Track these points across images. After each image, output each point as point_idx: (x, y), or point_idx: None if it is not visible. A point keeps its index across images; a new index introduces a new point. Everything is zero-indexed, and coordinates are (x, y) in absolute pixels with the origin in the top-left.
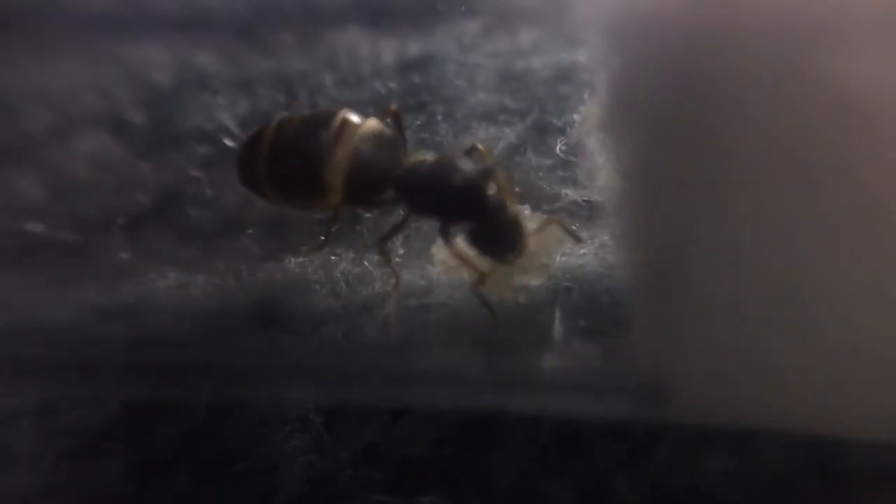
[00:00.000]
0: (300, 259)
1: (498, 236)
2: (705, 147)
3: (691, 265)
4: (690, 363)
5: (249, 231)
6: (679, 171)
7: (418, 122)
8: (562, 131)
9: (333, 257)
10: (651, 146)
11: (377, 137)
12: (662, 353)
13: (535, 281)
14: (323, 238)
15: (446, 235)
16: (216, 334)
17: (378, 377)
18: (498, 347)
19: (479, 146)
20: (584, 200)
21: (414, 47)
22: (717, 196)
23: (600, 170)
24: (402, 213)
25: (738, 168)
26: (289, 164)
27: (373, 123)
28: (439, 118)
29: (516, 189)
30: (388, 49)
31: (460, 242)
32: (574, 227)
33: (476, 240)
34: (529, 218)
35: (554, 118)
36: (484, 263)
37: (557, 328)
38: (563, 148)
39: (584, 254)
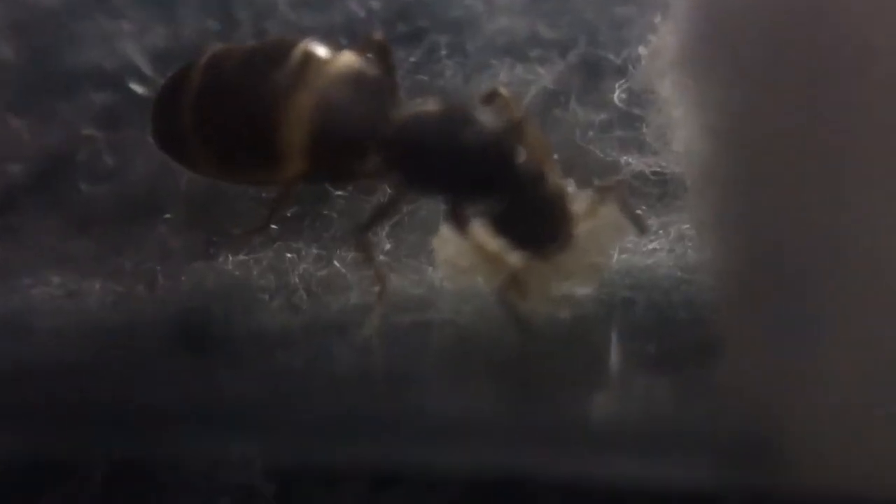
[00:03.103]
0: (240, 255)
1: (532, 221)
2: (830, 94)
3: (809, 267)
4: (807, 408)
5: (168, 216)
6: (791, 128)
7: (413, 59)
8: (621, 72)
9: (290, 254)
10: (751, 93)
11: (354, 80)
12: (766, 393)
13: (582, 288)
14: (265, 219)
15: (457, 221)
16: (120, 363)
17: (354, 426)
18: (528, 383)
19: (503, 91)
20: (653, 172)
21: None
22: (846, 168)
23: (677, 128)
24: (389, 189)
25: (875, 125)
26: (226, 119)
27: (348, 59)
28: (443, 52)
29: (555, 155)
30: None
31: (477, 231)
32: (639, 211)
33: (501, 226)
34: (575, 197)
35: (610, 53)
36: (511, 261)
37: (614, 356)
38: (624, 96)
39: (654, 250)
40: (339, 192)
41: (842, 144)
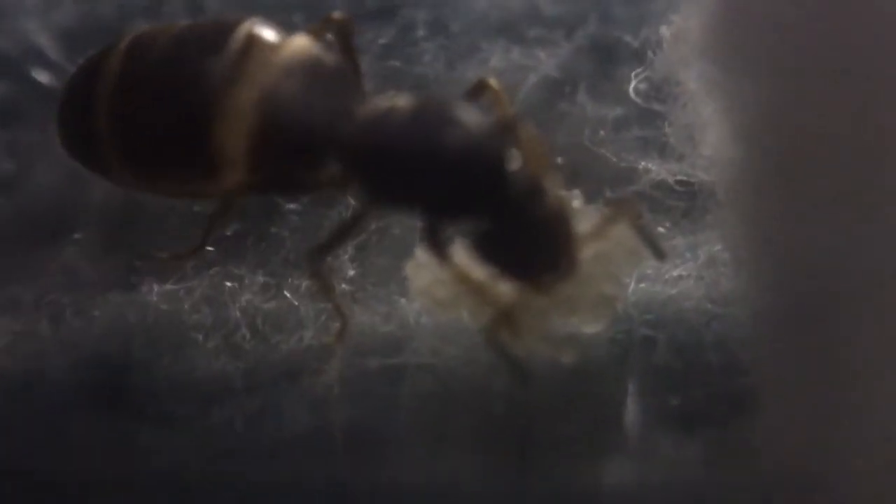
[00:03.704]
0: (168, 285)
1: (527, 244)
2: (888, 90)
3: (868, 298)
4: (859, 473)
5: (78, 236)
6: (845, 131)
7: (383, 41)
8: (639, 58)
9: (230, 283)
10: (795, 87)
11: (308, 69)
12: (817, 454)
13: (590, 326)
14: (199, 239)
15: (436, 243)
16: (18, 421)
17: (310, 499)
18: (524, 445)
19: (493, 83)
20: (677, 182)
21: None
22: None
23: (706, 128)
24: (353, 203)
25: None
26: (150, 117)
27: (300, 44)
28: (421, 33)
29: (558, 160)
30: None
31: (460, 255)
32: (661, 229)
33: (490, 250)
34: (582, 213)
35: (626, 34)
36: (502, 292)
37: (630, 411)
38: (642, 87)
39: (679, 277)
40: (291, 206)
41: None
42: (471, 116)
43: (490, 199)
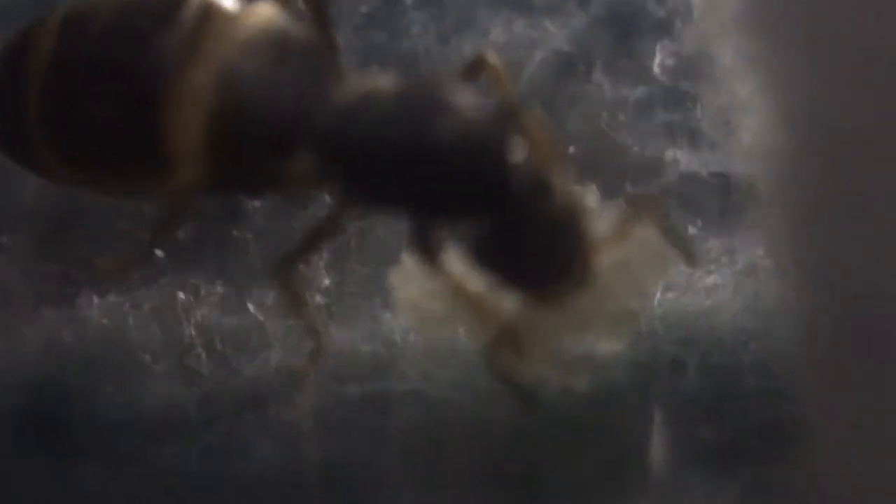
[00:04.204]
0: (110, 297)
1: (533, 249)
2: None
3: None
4: None
5: (4, 240)
6: None
7: (365, 10)
8: (664, 28)
9: (183, 295)
10: (846, 61)
11: (274, 44)
12: (871, 494)
13: (609, 345)
14: (148, 244)
15: (425, 248)
16: None
17: None
18: (532, 487)
19: (492, 60)
20: (711, 174)
21: None
22: None
23: (743, 111)
24: (329, 201)
25: None
26: (89, 104)
27: (264, 14)
28: (408, 1)
29: (570, 149)
30: None
31: (455, 262)
32: (692, 230)
33: (489, 257)
34: (598, 213)
35: (649, 1)
36: (504, 306)
37: (655, 445)
38: (670, 63)
39: (714, 287)
40: (256, 205)
41: None
42: (467, 99)
43: (489, 197)
